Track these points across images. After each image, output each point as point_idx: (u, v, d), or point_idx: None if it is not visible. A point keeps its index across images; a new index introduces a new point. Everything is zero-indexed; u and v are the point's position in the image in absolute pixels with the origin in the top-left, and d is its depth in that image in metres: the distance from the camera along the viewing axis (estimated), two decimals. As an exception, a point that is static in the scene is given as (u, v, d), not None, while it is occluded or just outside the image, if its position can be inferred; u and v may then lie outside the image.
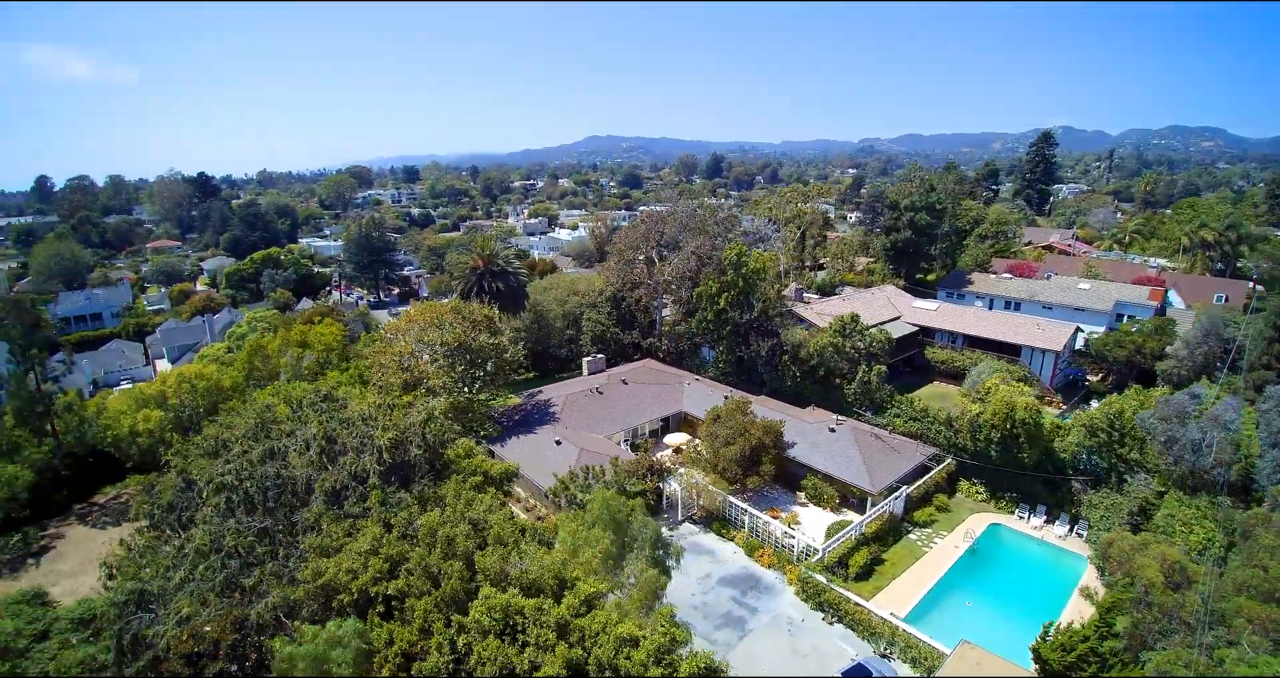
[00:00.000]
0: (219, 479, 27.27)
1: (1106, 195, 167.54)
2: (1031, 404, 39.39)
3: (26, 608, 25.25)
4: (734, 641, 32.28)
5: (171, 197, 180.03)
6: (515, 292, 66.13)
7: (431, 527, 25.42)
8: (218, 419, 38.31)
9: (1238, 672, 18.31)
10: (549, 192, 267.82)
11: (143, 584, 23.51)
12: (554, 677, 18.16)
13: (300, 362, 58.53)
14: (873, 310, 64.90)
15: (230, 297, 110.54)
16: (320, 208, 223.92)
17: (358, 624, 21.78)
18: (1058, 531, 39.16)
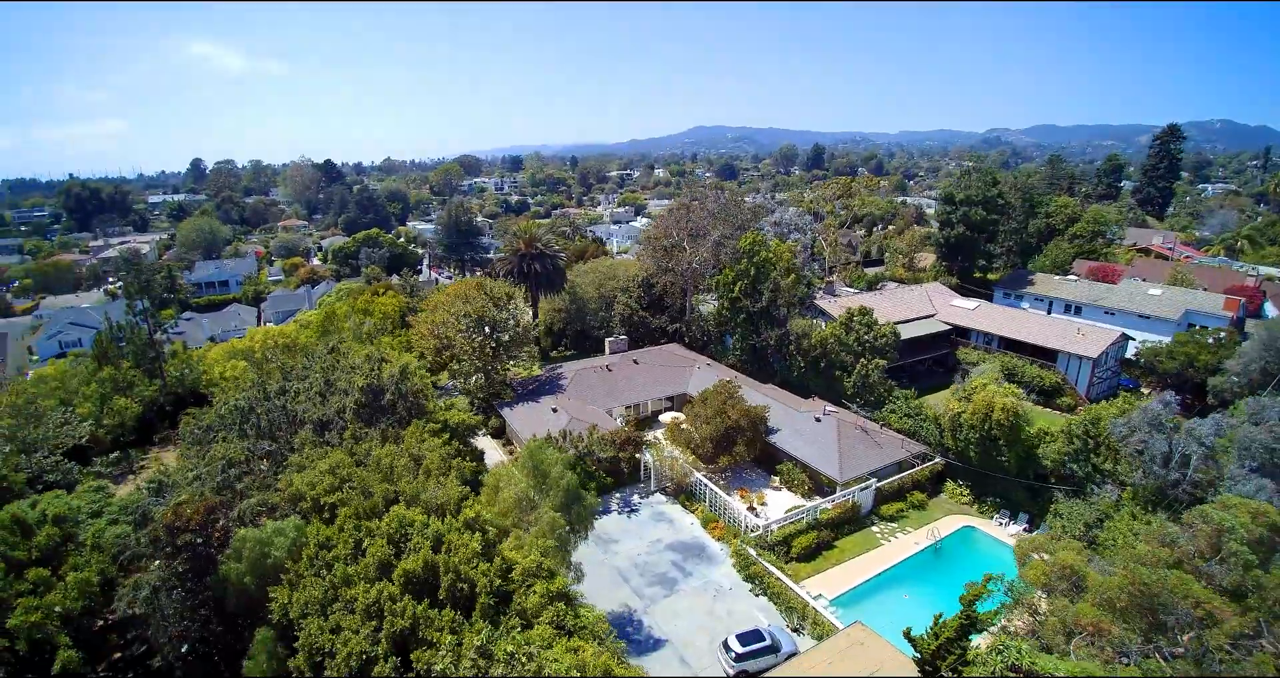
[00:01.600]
0: (233, 404, 33.63)
1: (1249, 197, 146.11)
2: (1010, 405, 38.04)
3: (92, 494, 32.71)
4: (660, 597, 34.70)
5: (301, 180, 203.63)
6: (553, 273, 70.72)
7: (379, 457, 30.10)
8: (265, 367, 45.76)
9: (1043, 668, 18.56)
10: (643, 181, 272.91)
11: (161, 479, 30.04)
12: (410, 569, 21.93)
13: (361, 327, 66.52)
14: (902, 307, 63.21)
15: (334, 271, 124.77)
16: (430, 194, 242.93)
17: (297, 521, 26.82)
18: (1012, 530, 37.80)
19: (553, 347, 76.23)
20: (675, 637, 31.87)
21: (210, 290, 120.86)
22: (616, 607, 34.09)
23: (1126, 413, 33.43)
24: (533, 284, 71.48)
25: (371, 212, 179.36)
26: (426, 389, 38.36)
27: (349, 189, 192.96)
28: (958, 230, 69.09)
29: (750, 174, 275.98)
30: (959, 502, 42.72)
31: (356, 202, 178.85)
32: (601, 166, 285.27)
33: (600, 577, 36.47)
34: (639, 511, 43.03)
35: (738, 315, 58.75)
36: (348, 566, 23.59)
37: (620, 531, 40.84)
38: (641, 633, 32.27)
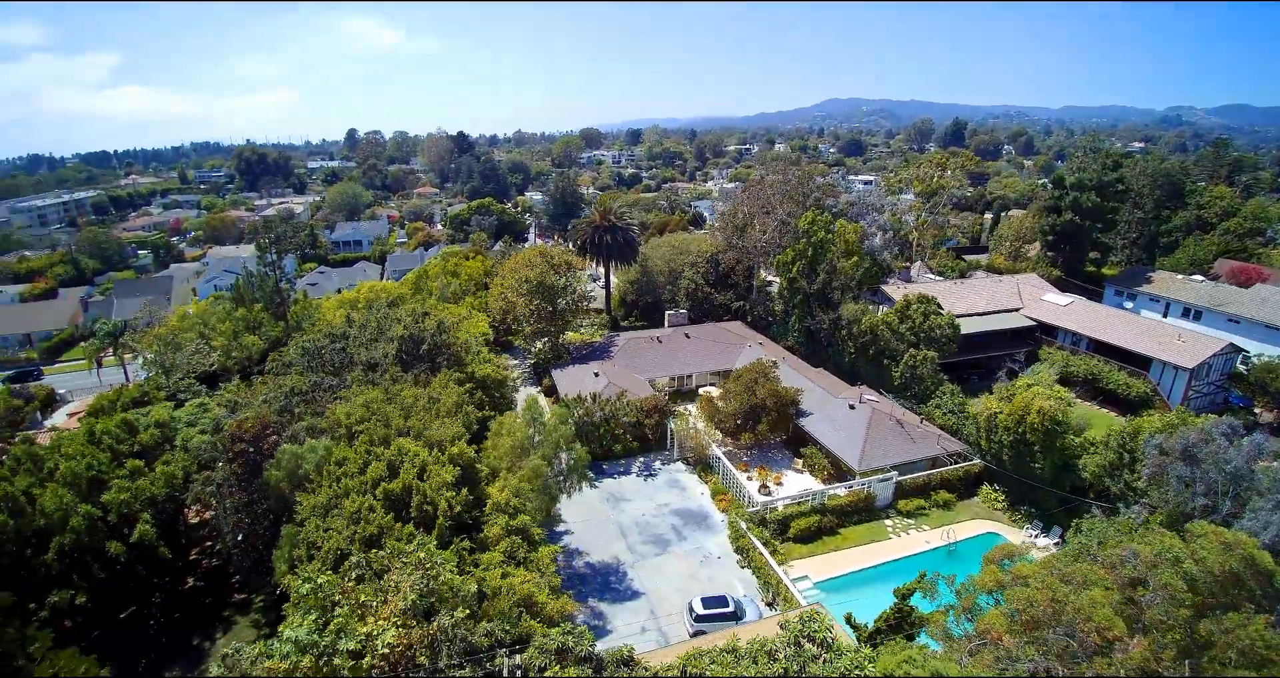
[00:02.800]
0: (301, 345, 39.43)
1: None
2: (1049, 409, 34.97)
3: (194, 409, 40.03)
4: (651, 555, 36.50)
5: (437, 151, 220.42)
6: (624, 245, 72.78)
7: (404, 397, 34.22)
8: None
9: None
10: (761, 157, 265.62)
11: (236, 399, 36.30)
12: (390, 489, 25.51)
13: (448, 287, 72.92)
14: (983, 298, 58.57)
15: (449, 235, 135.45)
16: (551, 166, 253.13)
17: (328, 442, 31.54)
18: (1042, 543, 34.98)
19: (625, 316, 78.85)
20: (653, 592, 33.63)
21: (345, 248, 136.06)
22: (608, 558, 36.43)
23: (1171, 430, 29.69)
24: (605, 255, 74.07)
25: (493, 182, 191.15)
26: (467, 343, 42.33)
27: (476, 160, 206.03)
28: (1066, 218, 61.87)
29: (879, 151, 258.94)
30: (991, 507, 40.14)
31: (480, 172, 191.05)
32: (719, 141, 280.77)
33: (603, 530, 38.98)
34: (656, 475, 44.75)
35: (794, 296, 57.68)
36: (349, 480, 27.67)
37: (634, 491, 42.89)
38: (623, 584, 34.36)
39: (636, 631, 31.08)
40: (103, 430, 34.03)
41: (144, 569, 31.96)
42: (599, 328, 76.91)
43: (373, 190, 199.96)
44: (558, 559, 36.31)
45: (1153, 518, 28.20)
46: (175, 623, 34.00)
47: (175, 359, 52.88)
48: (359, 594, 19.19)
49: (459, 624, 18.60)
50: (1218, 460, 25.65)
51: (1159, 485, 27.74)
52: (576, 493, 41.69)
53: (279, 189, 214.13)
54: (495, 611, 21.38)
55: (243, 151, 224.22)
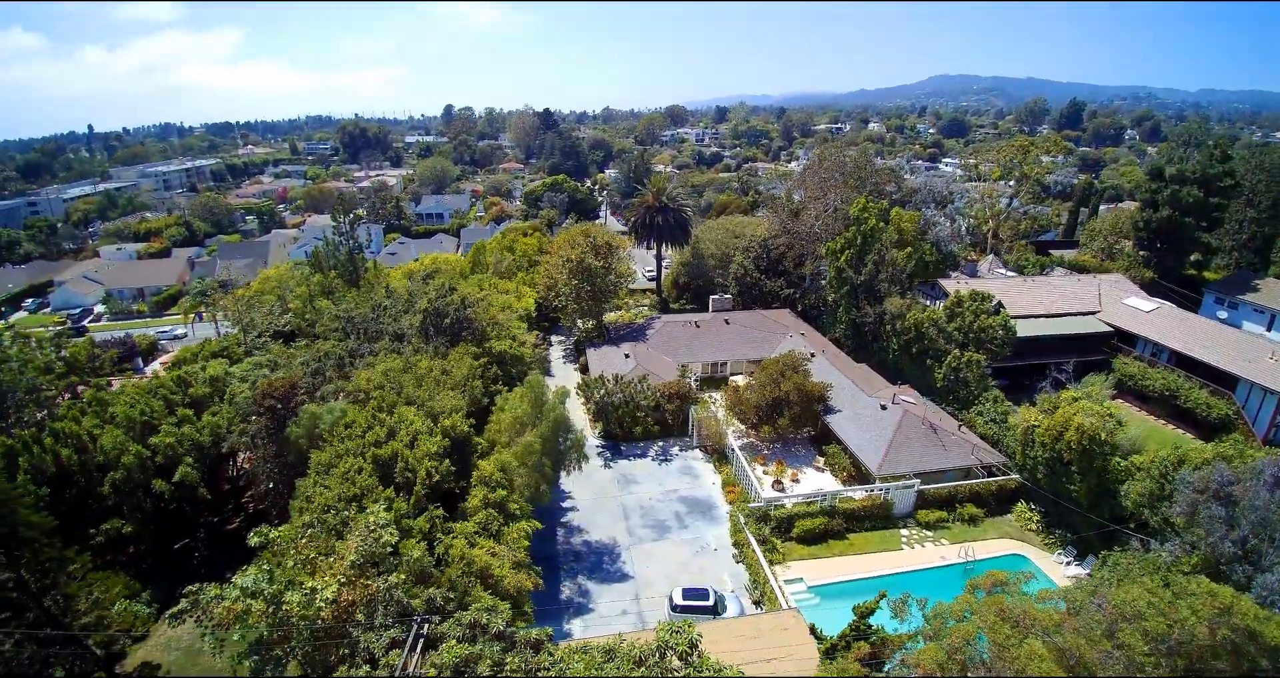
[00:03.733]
0: (334, 313, 41.96)
1: None
2: (1089, 428, 31.57)
3: (248, 366, 43.68)
4: (649, 539, 36.56)
5: (523, 127, 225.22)
6: (676, 227, 71.84)
7: (420, 367, 35.76)
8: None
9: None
10: (852, 137, 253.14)
11: (275, 359, 39.25)
12: (379, 454, 27.05)
13: (502, 263, 74.97)
14: (1055, 299, 53.44)
15: (523, 211, 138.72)
16: (633, 143, 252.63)
17: (345, 404, 33.57)
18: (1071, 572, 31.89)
19: (677, 298, 78.25)
20: (642, 577, 33.75)
21: (428, 221, 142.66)
22: (606, 538, 36.84)
23: (1215, 463, 25.97)
24: (656, 236, 73.45)
25: (573, 158, 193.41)
26: (495, 318, 43.60)
27: (559, 136, 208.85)
28: (1163, 214, 54.73)
29: (985, 133, 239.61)
30: (1024, 527, 37.07)
31: (561, 149, 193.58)
32: (808, 119, 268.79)
33: (608, 510, 39.40)
34: (672, 461, 44.54)
35: (841, 287, 55.02)
36: (351, 442, 29.39)
37: (646, 475, 42.95)
38: (615, 565, 34.69)
39: (617, 613, 31.38)
40: (159, 382, 37.82)
41: (188, 508, 35.61)
42: (648, 309, 76.89)
43: (461, 165, 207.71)
44: (557, 535, 37.42)
45: (1186, 560, 25.07)
46: (217, 558, 37.75)
47: (250, 318, 57.79)
48: (309, 551, 20.46)
49: (395, 587, 19.46)
50: (1252, 504, 22.31)
51: (1193, 525, 24.53)
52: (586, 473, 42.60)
53: (377, 162, 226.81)
54: (445, 578, 22.17)
55: (346, 126, 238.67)
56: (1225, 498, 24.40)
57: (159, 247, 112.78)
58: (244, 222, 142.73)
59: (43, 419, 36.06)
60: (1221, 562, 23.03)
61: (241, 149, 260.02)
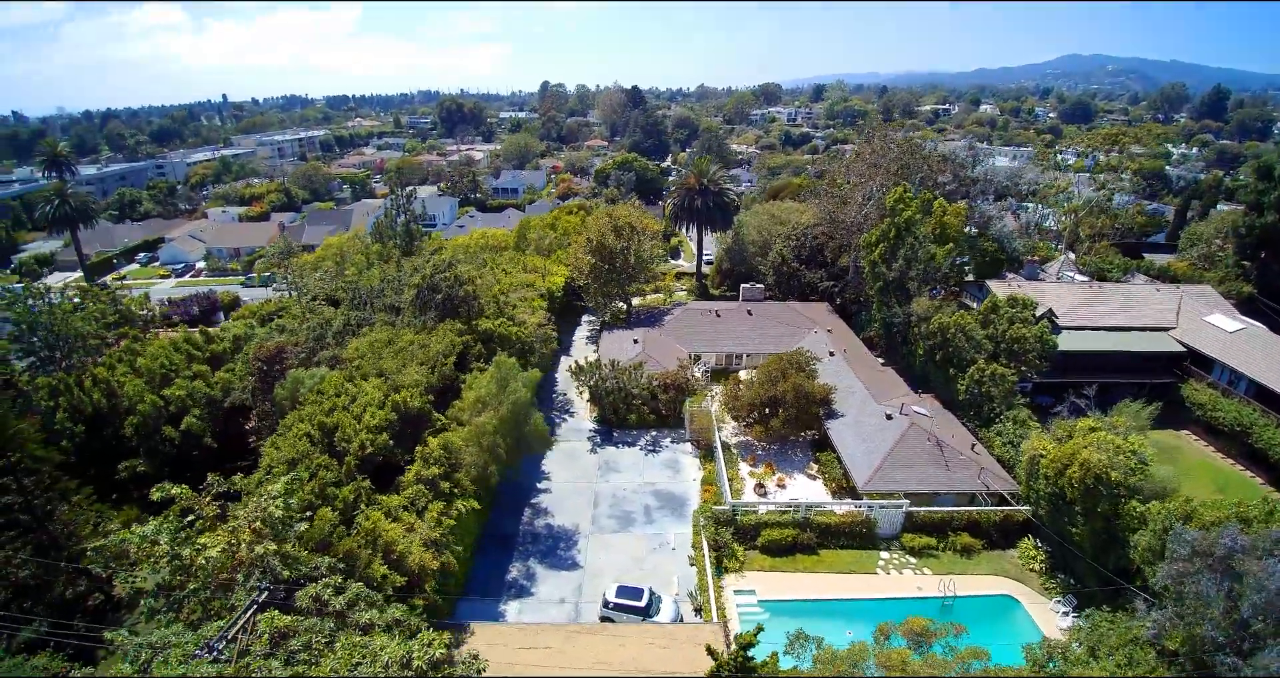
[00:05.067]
0: (341, 284, 43.83)
1: None
2: (1097, 464, 27.36)
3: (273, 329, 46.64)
4: (610, 530, 35.97)
5: (611, 105, 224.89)
6: (715, 211, 69.34)
7: (401, 340, 36.71)
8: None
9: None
10: (960, 118, 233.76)
11: (284, 323, 41.65)
12: (323, 421, 27.94)
13: (543, 240, 75.51)
14: (1119, 310, 46.86)
15: (593, 189, 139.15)
16: (722, 122, 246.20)
17: (325, 371, 35.14)
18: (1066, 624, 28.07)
19: (719, 284, 75.97)
20: (591, 567, 33.28)
21: (502, 195, 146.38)
22: (569, 524, 36.58)
23: (1233, 524, 21.51)
24: (697, 220, 71.28)
25: (654, 137, 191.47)
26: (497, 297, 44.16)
27: (644, 114, 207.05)
28: (1268, 218, 46.05)
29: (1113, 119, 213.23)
30: (1026, 566, 33.06)
31: (642, 126, 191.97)
32: (911, 99, 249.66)
33: (579, 495, 39.07)
34: (659, 452, 43.43)
35: (875, 282, 51.06)
36: (312, 408, 30.69)
37: (629, 464, 42.17)
38: (569, 553, 34.40)
39: (556, 601, 31.15)
40: (183, 338, 41.14)
41: (195, 454, 38.79)
42: (687, 294, 75.14)
43: (548, 141, 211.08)
44: (524, 515, 37.54)
45: (1173, 636, 21.27)
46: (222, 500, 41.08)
47: (306, 283, 61.80)
48: (208, 510, 21.51)
49: (269, 554, 20.08)
50: (1259, 583, 18.30)
51: (1178, 597, 20.62)
52: (572, 456, 42.60)
53: (470, 137, 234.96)
54: (341, 549, 22.66)
55: (445, 102, 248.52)
56: (1227, 569, 20.35)
57: (259, 211, 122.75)
58: (339, 190, 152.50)
59: (87, 365, 40.26)
60: (1203, 649, 19.31)
61: (350, 121, 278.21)
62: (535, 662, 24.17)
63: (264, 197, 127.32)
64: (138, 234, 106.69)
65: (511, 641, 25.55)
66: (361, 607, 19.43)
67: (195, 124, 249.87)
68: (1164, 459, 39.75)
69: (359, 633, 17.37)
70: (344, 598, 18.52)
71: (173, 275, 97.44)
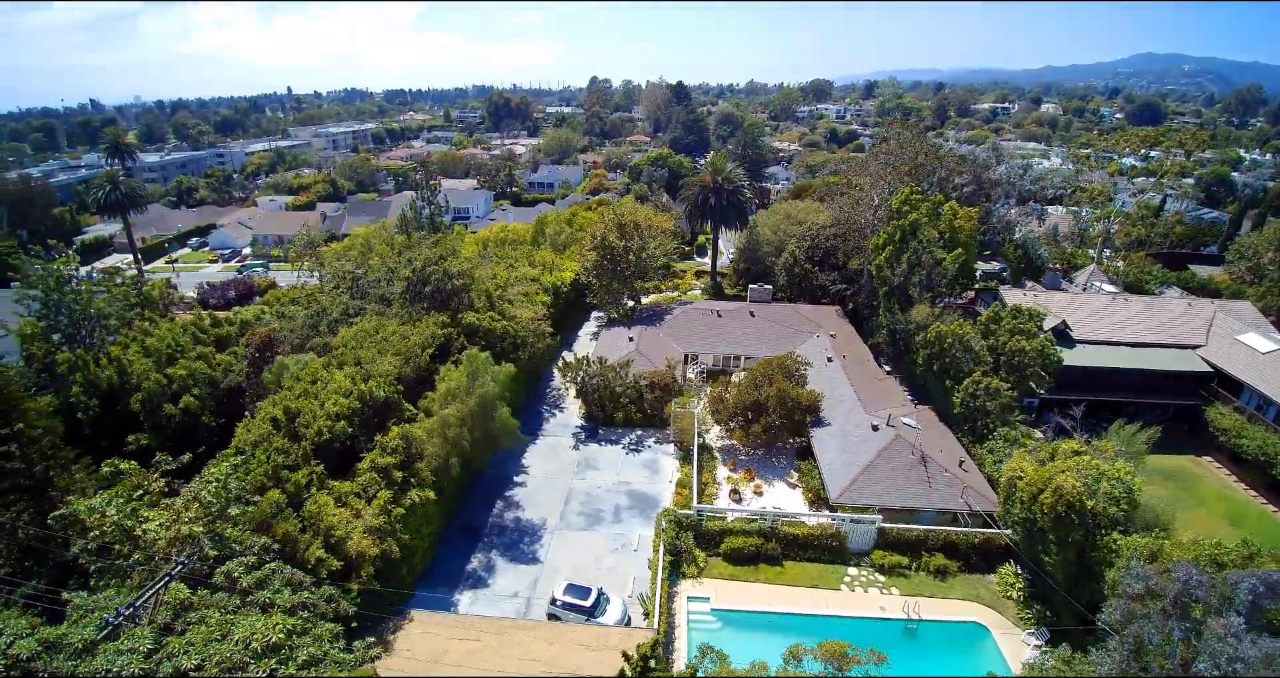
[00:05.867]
0: (338, 273, 45.17)
1: None
2: (1071, 491, 25.62)
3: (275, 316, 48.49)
4: (577, 527, 35.98)
5: (655, 100, 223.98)
6: (729, 209, 68.20)
7: (384, 331, 37.60)
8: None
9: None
10: (1019, 117, 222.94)
11: (283, 310, 43.27)
12: (288, 405, 28.91)
13: (559, 235, 75.97)
14: (1142, 325, 43.79)
15: (625, 184, 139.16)
16: (766, 119, 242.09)
17: (311, 358, 36.38)
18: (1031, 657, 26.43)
19: (734, 284, 74.83)
20: (550, 563, 33.37)
21: (538, 189, 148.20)
22: (537, 518, 36.77)
23: (1189, 565, 19.63)
24: (712, 218, 70.30)
25: (694, 133, 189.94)
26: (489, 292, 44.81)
27: (686, 110, 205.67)
28: None
29: (1185, 121, 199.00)
30: (1004, 593, 31.31)
31: (683, 122, 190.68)
32: (967, 98, 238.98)
33: (553, 490, 39.22)
34: (641, 452, 43.15)
35: (881, 287, 49.36)
36: (285, 392, 31.79)
37: (609, 462, 42.06)
38: (532, 547, 34.59)
39: (509, 594, 31.37)
40: (192, 321, 43.22)
41: (197, 430, 40.75)
42: (701, 292, 74.30)
43: (591, 136, 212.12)
44: (495, 507, 37.89)
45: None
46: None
47: (325, 270, 64.05)
48: (155, 486, 22.55)
49: (201, 533, 20.92)
50: (1214, 631, 16.70)
51: (1127, 640, 19.05)
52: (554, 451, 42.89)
53: (515, 131, 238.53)
54: (279, 531, 23.38)
55: (493, 96, 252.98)
56: (1183, 612, 18.74)
57: (305, 200, 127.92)
58: (384, 182, 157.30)
59: (104, 344, 42.79)
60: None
61: (403, 115, 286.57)
62: (460, 652, 24.43)
63: (311, 187, 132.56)
64: (191, 220, 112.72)
65: (446, 631, 25.89)
66: (277, 586, 20.03)
67: (257, 116, 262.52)
68: (1178, 487, 37.18)
69: (258, 611, 17.90)
70: (254, 577, 19.09)
71: (220, 260, 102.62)
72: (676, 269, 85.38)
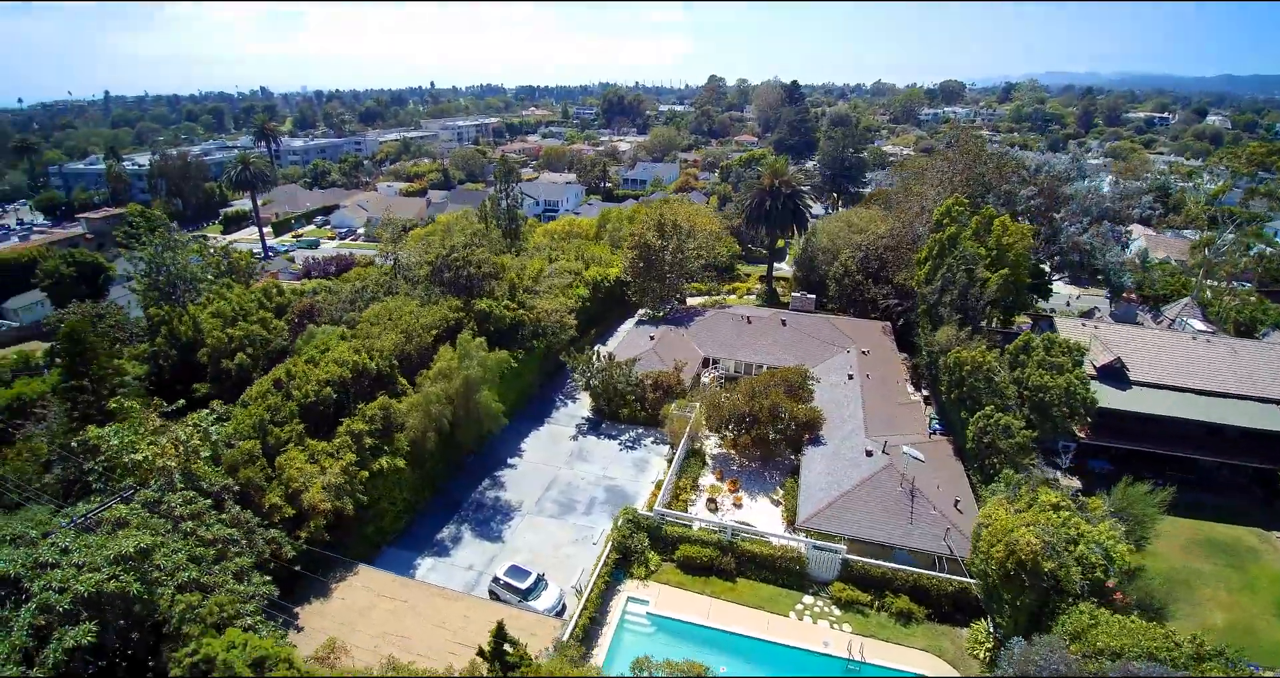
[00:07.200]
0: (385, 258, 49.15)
1: None
2: (1028, 549, 22.92)
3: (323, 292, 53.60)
4: (548, 513, 37.10)
5: (766, 100, 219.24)
6: (786, 214, 65.98)
7: (400, 312, 40.76)
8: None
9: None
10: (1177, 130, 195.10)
11: (331, 285, 47.86)
12: (290, 368, 32.42)
13: (618, 231, 77.33)
14: (1232, 374, 37.56)
15: (714, 184, 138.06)
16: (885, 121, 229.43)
17: (336, 328, 40.12)
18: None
19: (793, 291, 72.50)
20: (511, 545, 34.70)
21: (631, 185, 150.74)
22: (514, 501, 38.29)
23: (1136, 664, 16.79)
24: (768, 223, 68.34)
25: (799, 134, 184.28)
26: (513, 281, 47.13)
27: (794, 111, 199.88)
28: None
29: None
30: (972, 650, 28.43)
31: (790, 123, 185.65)
32: (1118, 105, 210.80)
33: (537, 477, 40.58)
34: (636, 450, 43.42)
35: (920, 304, 46.16)
36: (300, 357, 35.50)
37: (601, 456, 42.76)
38: (500, 528, 36.08)
39: (464, 567, 33.07)
40: (260, 289, 48.95)
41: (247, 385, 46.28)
42: (756, 297, 72.60)
43: (697, 135, 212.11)
44: (481, 484, 39.79)
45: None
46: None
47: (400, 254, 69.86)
48: (150, 423, 26.32)
49: (174, 467, 24.26)
50: None
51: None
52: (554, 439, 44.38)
53: (626, 128, 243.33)
54: (243, 476, 26.42)
55: (608, 94, 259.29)
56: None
57: (418, 187, 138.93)
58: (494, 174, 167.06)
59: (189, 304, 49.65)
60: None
61: (525, 110, 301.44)
62: (381, 609, 26.33)
63: (425, 175, 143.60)
64: (318, 200, 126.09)
65: (380, 588, 27.93)
66: (210, 522, 22.83)
67: (397, 108, 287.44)
68: (1227, 563, 32.07)
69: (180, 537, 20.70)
70: (189, 508, 21.93)
71: (337, 237, 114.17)
72: (740, 273, 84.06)
